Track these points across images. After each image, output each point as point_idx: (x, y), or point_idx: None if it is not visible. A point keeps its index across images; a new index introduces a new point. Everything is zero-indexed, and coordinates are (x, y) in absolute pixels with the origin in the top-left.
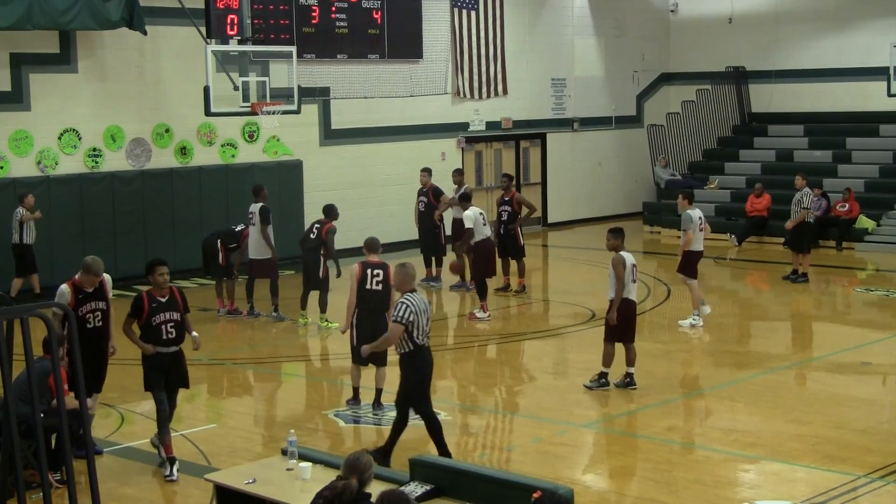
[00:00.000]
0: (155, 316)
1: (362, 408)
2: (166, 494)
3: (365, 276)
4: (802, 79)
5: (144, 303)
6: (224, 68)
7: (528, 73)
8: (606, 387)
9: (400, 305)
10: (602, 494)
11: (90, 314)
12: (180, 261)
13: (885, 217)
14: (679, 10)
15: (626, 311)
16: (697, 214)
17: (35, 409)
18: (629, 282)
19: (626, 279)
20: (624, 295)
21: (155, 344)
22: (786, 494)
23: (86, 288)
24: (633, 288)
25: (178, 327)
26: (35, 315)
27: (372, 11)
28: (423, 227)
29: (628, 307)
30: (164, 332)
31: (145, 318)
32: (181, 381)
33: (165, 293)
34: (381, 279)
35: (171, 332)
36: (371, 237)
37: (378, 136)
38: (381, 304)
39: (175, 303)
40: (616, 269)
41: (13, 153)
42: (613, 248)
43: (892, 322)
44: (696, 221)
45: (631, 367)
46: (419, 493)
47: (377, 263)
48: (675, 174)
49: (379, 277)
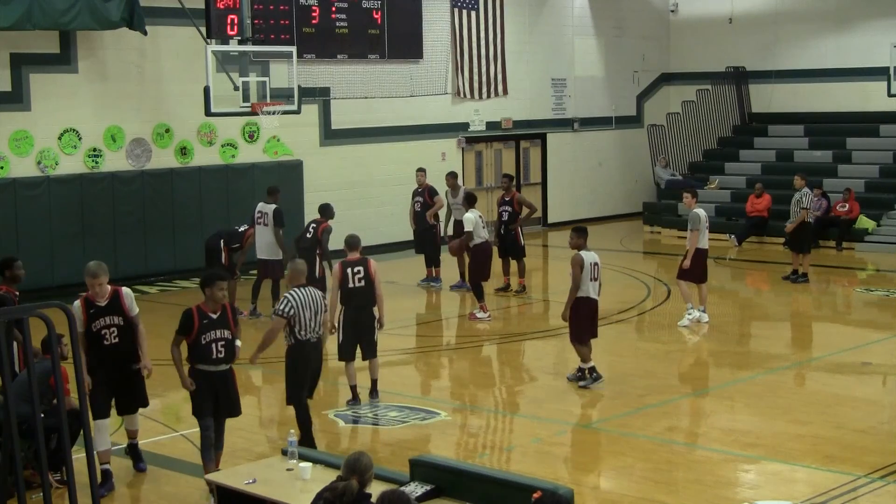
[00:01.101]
0: (205, 333)
1: (363, 407)
2: (166, 494)
3: (346, 275)
4: (802, 79)
5: (195, 319)
6: (224, 68)
7: (528, 73)
8: (600, 379)
9: (283, 299)
10: (602, 494)
11: (105, 330)
12: (180, 261)
13: (885, 217)
14: (679, 10)
15: (584, 309)
16: (704, 213)
17: (35, 409)
18: (588, 280)
19: (585, 278)
20: (583, 294)
21: (205, 364)
22: (786, 494)
23: (97, 301)
24: (592, 287)
25: (229, 346)
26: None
27: (372, 11)
28: (419, 228)
29: (587, 305)
30: (214, 351)
31: (195, 335)
32: (231, 408)
33: (218, 309)
34: (362, 276)
35: (220, 350)
36: (351, 235)
37: (378, 136)
38: (365, 301)
39: (226, 320)
40: (573, 269)
41: (13, 153)
42: (576, 246)
43: (892, 322)
44: (704, 220)
45: (587, 362)
46: (419, 493)
47: (357, 261)
48: (676, 174)
49: (360, 274)
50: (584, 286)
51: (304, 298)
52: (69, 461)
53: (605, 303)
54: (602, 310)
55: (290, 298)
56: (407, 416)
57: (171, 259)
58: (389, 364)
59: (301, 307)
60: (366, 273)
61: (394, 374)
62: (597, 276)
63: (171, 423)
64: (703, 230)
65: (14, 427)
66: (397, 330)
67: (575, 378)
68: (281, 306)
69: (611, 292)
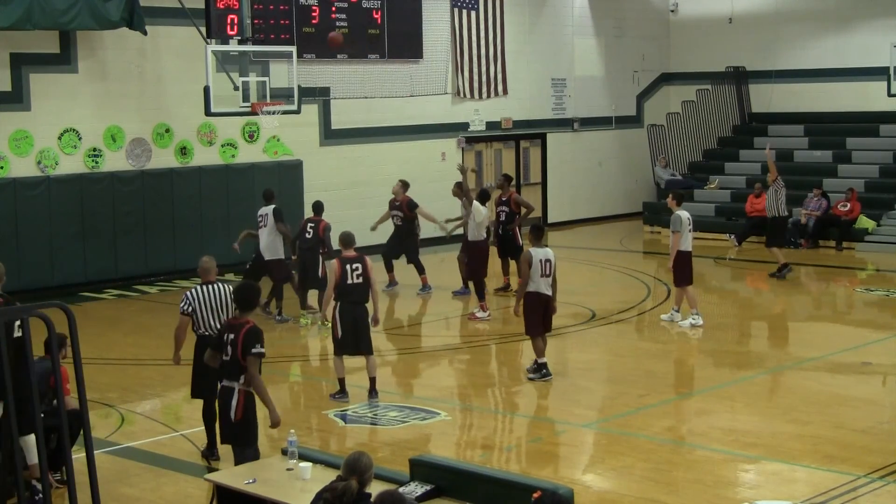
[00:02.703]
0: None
1: (349, 401)
2: (166, 494)
3: (345, 272)
4: (802, 79)
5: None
6: (224, 68)
7: (528, 73)
8: (549, 377)
9: (182, 297)
10: (602, 494)
11: None
12: (180, 261)
13: (885, 217)
14: (679, 10)
15: (535, 304)
16: (686, 215)
17: (35, 409)
18: (538, 277)
19: (534, 274)
20: (532, 289)
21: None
22: (786, 494)
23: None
24: (543, 282)
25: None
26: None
27: (372, 11)
28: (398, 239)
29: (537, 300)
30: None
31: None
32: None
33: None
34: (360, 272)
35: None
36: (345, 232)
37: (378, 136)
38: (361, 297)
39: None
40: (522, 265)
41: (13, 153)
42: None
43: (892, 322)
44: (686, 222)
45: (541, 357)
46: (419, 493)
47: (355, 257)
48: (676, 174)
49: (358, 271)
50: (535, 282)
51: (204, 296)
52: (69, 461)
53: (606, 303)
54: (602, 310)
55: (189, 297)
56: (407, 416)
57: (171, 259)
58: (390, 364)
59: (201, 304)
60: (364, 270)
61: (394, 374)
62: (548, 272)
63: (171, 423)
64: (686, 233)
65: (14, 427)
66: (397, 330)
67: (533, 369)
68: (181, 304)
69: (611, 292)
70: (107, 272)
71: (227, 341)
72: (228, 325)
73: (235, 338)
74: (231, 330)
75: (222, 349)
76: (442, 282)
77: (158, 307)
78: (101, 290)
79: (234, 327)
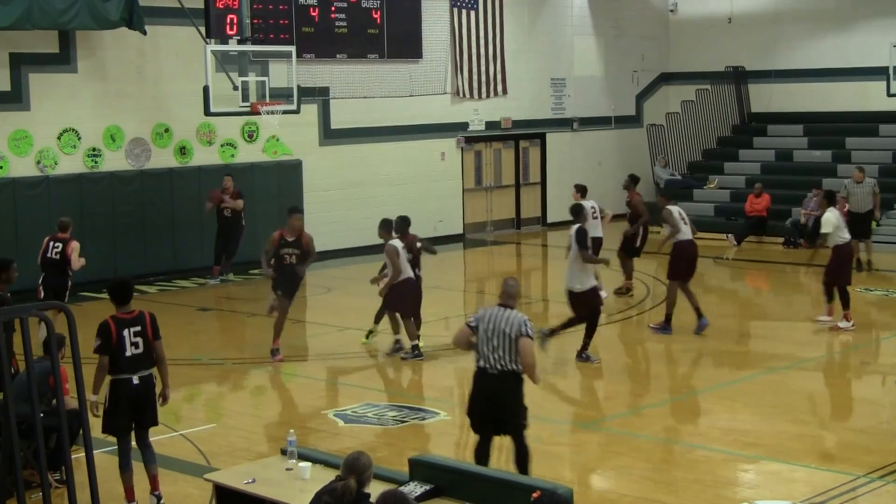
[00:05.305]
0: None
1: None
2: (166, 494)
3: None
4: (802, 79)
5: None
6: (224, 68)
7: (528, 73)
8: (421, 357)
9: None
10: (602, 494)
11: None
12: (180, 261)
13: (885, 217)
14: (679, 10)
15: (405, 287)
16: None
17: (35, 409)
18: (405, 263)
19: (402, 262)
20: (404, 276)
21: None
22: (786, 494)
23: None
24: (409, 268)
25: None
26: (35, 315)
27: (371, 11)
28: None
29: (405, 284)
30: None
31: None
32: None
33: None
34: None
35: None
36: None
37: (378, 136)
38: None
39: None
40: (391, 258)
41: (13, 153)
42: (382, 237)
43: (892, 322)
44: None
45: (413, 339)
46: (419, 492)
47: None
48: (675, 174)
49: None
50: (405, 270)
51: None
52: (69, 461)
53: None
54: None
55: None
56: (407, 415)
57: (170, 259)
58: (389, 364)
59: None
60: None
61: (394, 374)
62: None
63: (171, 423)
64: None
65: (14, 427)
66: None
67: (408, 355)
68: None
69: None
70: (106, 272)
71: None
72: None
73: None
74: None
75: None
76: (442, 282)
77: (158, 307)
78: (101, 290)
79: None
